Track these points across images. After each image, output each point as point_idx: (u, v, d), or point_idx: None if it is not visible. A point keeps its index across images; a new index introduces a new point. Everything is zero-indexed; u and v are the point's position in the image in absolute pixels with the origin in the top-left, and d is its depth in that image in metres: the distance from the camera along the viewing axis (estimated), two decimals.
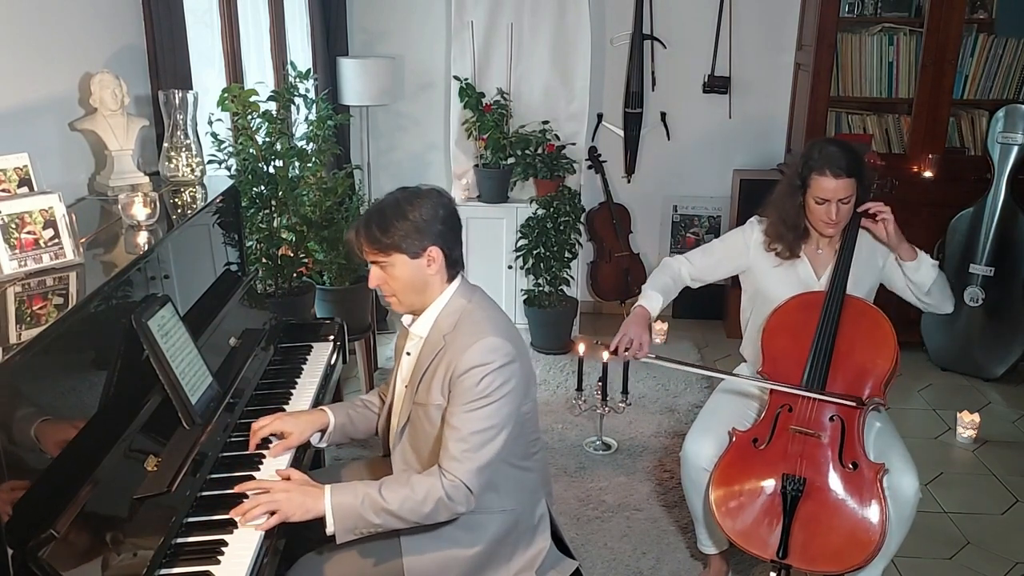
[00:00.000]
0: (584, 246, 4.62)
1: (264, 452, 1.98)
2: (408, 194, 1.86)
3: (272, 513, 1.72)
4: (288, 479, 1.82)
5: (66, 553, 1.38)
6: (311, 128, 3.48)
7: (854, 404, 2.33)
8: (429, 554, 1.86)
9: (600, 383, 3.46)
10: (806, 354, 2.41)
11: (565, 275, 4.39)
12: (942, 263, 4.23)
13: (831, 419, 2.35)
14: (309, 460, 2.09)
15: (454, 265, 1.90)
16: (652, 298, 2.66)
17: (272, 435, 2.00)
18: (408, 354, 1.97)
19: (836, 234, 2.52)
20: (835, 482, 2.29)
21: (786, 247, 2.57)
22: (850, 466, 2.29)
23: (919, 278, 2.52)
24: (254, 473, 1.90)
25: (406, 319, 1.97)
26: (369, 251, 1.85)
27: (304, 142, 3.46)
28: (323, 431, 2.06)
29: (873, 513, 2.23)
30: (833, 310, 2.43)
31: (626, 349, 2.50)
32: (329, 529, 1.75)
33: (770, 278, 2.61)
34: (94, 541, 1.46)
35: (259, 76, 3.73)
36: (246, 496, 1.76)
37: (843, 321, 2.42)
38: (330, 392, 2.52)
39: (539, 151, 4.39)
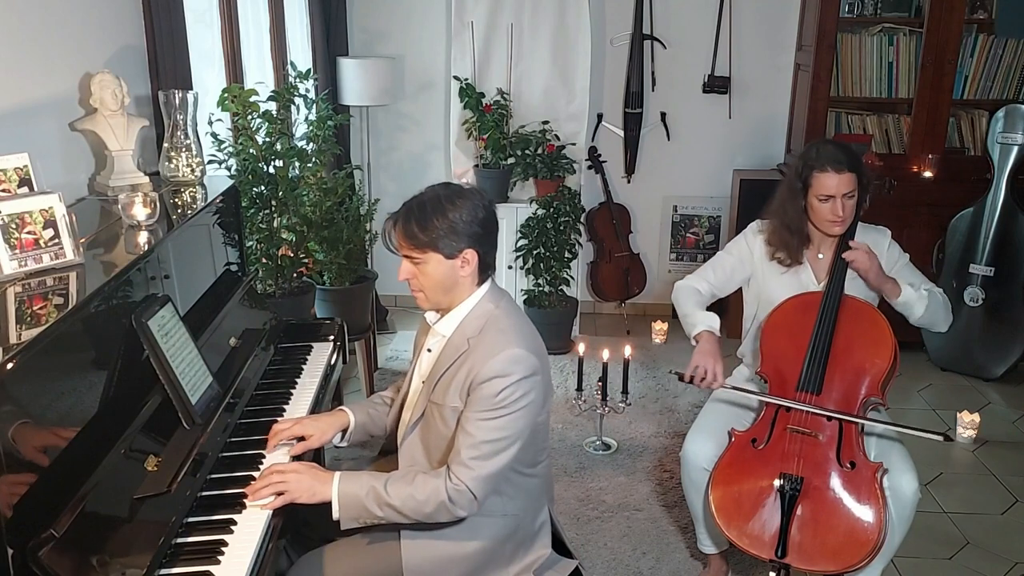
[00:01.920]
0: (584, 246, 4.62)
1: (264, 452, 1.98)
2: (451, 192, 1.83)
3: (280, 494, 1.75)
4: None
5: (66, 553, 1.38)
6: (311, 128, 3.48)
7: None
8: (428, 553, 1.87)
9: (600, 383, 3.46)
10: (803, 353, 2.41)
11: (565, 275, 4.39)
12: (942, 263, 4.25)
13: (829, 419, 2.35)
14: (309, 459, 2.08)
15: (486, 269, 1.89)
16: (709, 318, 2.56)
17: (292, 438, 2.01)
18: (429, 351, 1.97)
19: (842, 232, 2.51)
20: (833, 481, 2.29)
21: (789, 254, 2.57)
22: (848, 465, 2.29)
23: (905, 311, 2.52)
24: (254, 473, 1.90)
25: (430, 316, 1.97)
26: (404, 245, 1.83)
27: (304, 142, 3.46)
28: (344, 431, 2.08)
29: (872, 512, 2.23)
30: (830, 310, 2.43)
31: (701, 379, 2.45)
32: (335, 515, 1.79)
33: (773, 284, 2.61)
34: (94, 541, 1.46)
35: (259, 76, 3.73)
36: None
37: (840, 320, 2.43)
38: (330, 392, 2.52)
39: (539, 151, 4.39)
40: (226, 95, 3.08)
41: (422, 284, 1.86)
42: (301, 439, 2.01)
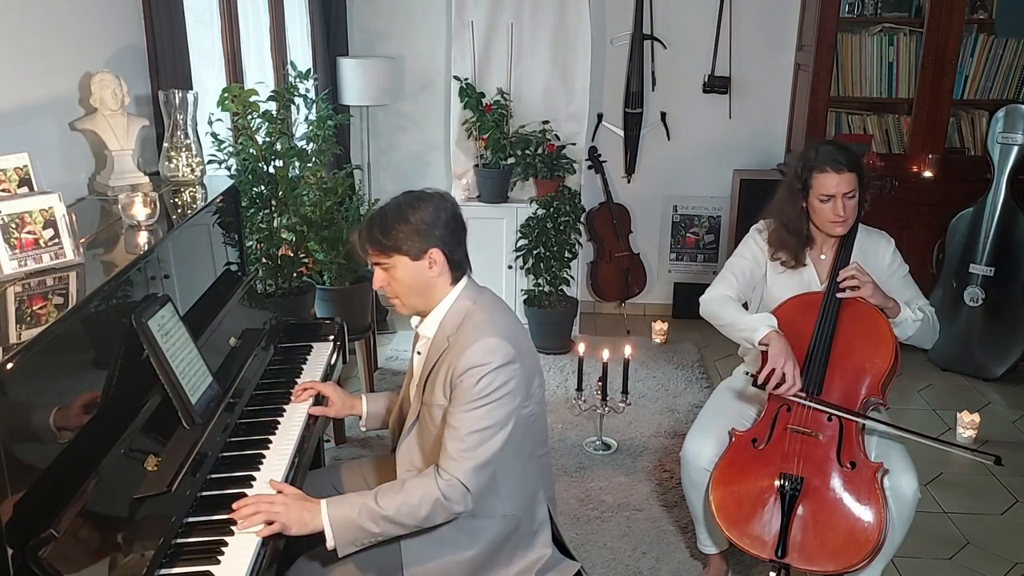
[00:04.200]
0: (584, 246, 4.62)
1: (264, 452, 1.99)
2: (411, 197, 1.87)
3: (271, 523, 1.71)
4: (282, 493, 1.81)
5: (66, 553, 1.38)
6: (311, 128, 3.48)
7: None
8: (429, 557, 1.86)
9: (600, 383, 3.46)
10: (804, 354, 2.41)
11: (565, 275, 4.39)
12: (942, 263, 4.25)
13: (829, 419, 2.35)
14: (309, 458, 2.09)
15: (458, 267, 1.90)
16: (767, 318, 2.41)
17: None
18: (419, 354, 1.99)
19: (845, 232, 2.50)
20: (833, 481, 2.29)
21: (791, 255, 2.56)
22: (848, 465, 2.29)
23: (898, 332, 2.48)
24: (254, 473, 1.90)
25: (414, 321, 1.99)
26: (371, 252, 1.87)
27: (304, 142, 3.46)
28: (361, 417, 2.20)
29: (872, 512, 2.23)
30: (831, 310, 2.43)
31: (777, 386, 2.31)
32: (329, 544, 1.76)
33: (776, 284, 2.60)
34: (94, 541, 1.46)
35: (259, 76, 3.73)
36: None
37: (841, 321, 2.43)
38: None
39: (539, 151, 4.39)
40: (226, 95, 3.08)
41: (396, 290, 1.89)
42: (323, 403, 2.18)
